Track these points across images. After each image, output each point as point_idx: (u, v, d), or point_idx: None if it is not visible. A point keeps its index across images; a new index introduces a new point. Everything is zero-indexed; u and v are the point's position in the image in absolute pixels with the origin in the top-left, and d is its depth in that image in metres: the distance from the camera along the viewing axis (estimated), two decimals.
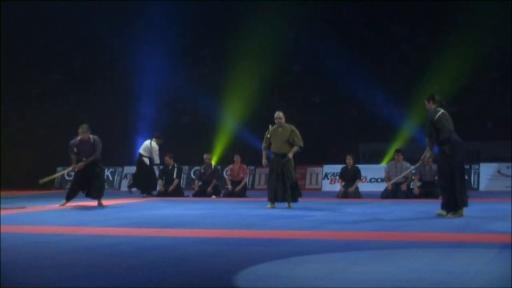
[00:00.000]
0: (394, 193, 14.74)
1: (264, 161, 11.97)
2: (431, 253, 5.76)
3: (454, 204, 9.14)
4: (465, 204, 9.22)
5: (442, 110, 9.41)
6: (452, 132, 9.25)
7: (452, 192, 9.10)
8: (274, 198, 11.66)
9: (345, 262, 5.34)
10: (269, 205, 11.68)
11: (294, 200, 11.78)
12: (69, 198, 12.69)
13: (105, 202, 12.86)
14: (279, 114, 11.87)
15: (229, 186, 16.27)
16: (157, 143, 16.94)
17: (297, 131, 11.83)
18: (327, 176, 19.89)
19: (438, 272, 4.79)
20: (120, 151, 22.70)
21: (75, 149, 12.59)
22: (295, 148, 11.73)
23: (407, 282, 4.44)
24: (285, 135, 11.76)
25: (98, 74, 27.03)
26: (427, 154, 9.91)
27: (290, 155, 11.67)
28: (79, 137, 12.64)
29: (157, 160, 17.02)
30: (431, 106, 9.61)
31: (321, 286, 4.41)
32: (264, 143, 11.98)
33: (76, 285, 4.53)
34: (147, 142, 16.93)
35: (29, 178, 22.26)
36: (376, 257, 5.56)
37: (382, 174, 16.35)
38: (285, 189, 11.62)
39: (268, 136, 11.90)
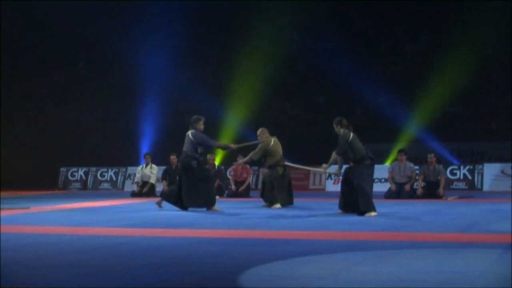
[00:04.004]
0: (397, 193, 14.73)
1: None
2: (435, 254, 5.75)
3: (354, 207, 9.95)
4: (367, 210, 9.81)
5: (351, 132, 10.31)
6: (368, 151, 10.29)
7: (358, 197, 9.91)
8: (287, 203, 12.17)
9: (349, 262, 5.34)
10: (278, 205, 11.99)
11: None
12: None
13: (108, 202, 12.84)
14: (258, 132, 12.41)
15: (233, 186, 16.28)
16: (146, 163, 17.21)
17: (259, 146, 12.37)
18: (331, 177, 19.87)
19: (442, 272, 4.78)
20: (124, 151, 22.75)
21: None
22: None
23: (411, 282, 4.43)
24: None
25: (101, 75, 27.06)
26: (336, 171, 11.00)
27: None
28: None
29: (152, 178, 17.14)
30: (339, 130, 10.37)
31: (324, 286, 4.40)
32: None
33: (79, 285, 4.53)
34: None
35: (32, 178, 22.33)
36: (380, 257, 5.55)
37: (386, 174, 16.33)
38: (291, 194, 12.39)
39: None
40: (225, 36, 26.02)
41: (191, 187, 11.19)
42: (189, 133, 11.38)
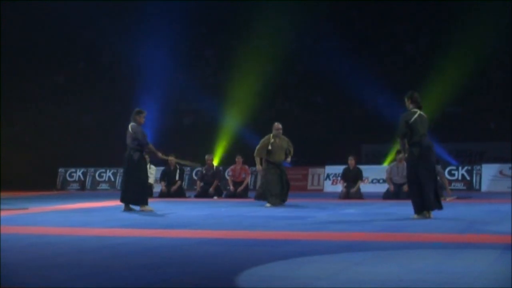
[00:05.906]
0: (396, 194, 14.73)
1: (258, 167, 12.83)
2: (434, 254, 5.76)
3: (420, 206, 9.09)
4: (431, 208, 9.05)
5: (419, 112, 9.32)
6: (424, 136, 9.15)
7: (418, 194, 9.05)
8: (275, 199, 12.40)
9: (348, 262, 5.34)
10: (268, 204, 12.32)
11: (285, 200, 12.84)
12: None
13: (108, 203, 12.81)
14: (279, 126, 12.78)
15: (231, 187, 16.27)
16: None
17: (291, 142, 12.88)
18: (329, 177, 19.88)
19: (441, 272, 4.79)
20: (122, 152, 22.66)
21: None
22: (289, 158, 12.86)
23: (410, 283, 4.43)
24: (283, 146, 12.72)
25: (101, 75, 27.05)
26: (401, 155, 9.74)
27: (288, 159, 12.86)
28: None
29: None
30: (409, 105, 9.52)
31: (324, 287, 4.40)
32: (262, 153, 12.71)
33: (79, 285, 4.53)
34: None
35: (31, 179, 22.31)
36: (379, 258, 5.56)
37: (384, 175, 16.33)
38: (283, 192, 12.65)
39: (270, 148, 12.65)
40: (225, 36, 26.03)
41: (128, 181, 11.29)
42: (129, 126, 11.41)
